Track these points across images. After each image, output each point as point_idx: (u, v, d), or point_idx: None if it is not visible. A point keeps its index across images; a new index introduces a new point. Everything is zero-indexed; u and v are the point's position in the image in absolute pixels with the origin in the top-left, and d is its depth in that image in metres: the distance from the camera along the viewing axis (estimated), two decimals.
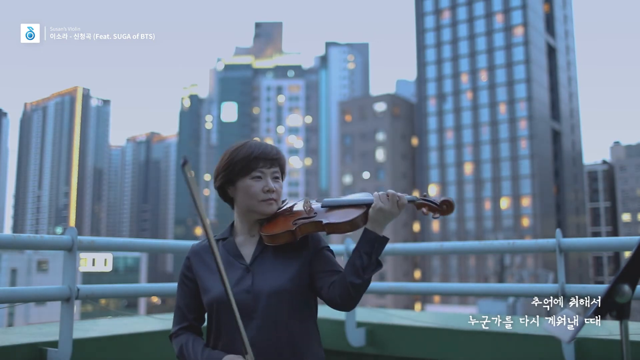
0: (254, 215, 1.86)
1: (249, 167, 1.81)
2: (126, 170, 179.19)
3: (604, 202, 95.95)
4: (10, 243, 2.77)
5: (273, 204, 1.84)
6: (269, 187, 1.82)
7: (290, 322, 1.75)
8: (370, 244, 1.72)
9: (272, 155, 1.84)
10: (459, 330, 3.42)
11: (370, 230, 1.73)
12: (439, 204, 1.76)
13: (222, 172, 1.85)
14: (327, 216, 1.79)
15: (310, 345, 1.80)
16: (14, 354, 2.77)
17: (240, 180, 1.83)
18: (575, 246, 3.18)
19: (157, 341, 3.41)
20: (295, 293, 1.77)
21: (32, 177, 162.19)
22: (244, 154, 1.82)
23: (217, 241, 1.88)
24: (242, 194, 1.84)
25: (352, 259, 1.73)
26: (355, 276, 1.70)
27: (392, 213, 1.73)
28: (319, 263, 1.82)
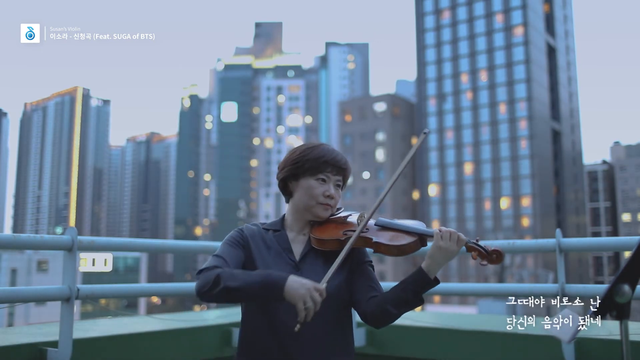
0: (308, 215, 1.88)
1: (318, 168, 1.84)
2: (126, 170, 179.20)
3: (604, 202, 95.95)
4: (10, 243, 2.77)
5: (329, 209, 1.87)
6: (330, 193, 1.85)
7: (330, 326, 1.79)
8: (421, 285, 1.73)
9: (341, 163, 1.87)
10: (459, 330, 3.42)
11: (425, 271, 1.73)
12: (489, 252, 1.75)
13: (290, 165, 1.87)
14: (378, 235, 1.80)
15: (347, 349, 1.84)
16: (14, 354, 2.77)
17: (305, 178, 1.85)
18: (575, 246, 3.18)
19: (157, 341, 3.41)
20: (339, 300, 1.81)
21: (32, 177, 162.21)
22: (316, 155, 1.85)
23: (268, 231, 1.90)
24: (303, 192, 1.86)
25: (397, 289, 1.75)
26: (395, 307, 1.74)
27: (452, 252, 1.72)
28: (360, 276, 1.85)
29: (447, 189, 74.88)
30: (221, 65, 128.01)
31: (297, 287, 1.60)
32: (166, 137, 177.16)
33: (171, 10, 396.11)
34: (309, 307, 1.59)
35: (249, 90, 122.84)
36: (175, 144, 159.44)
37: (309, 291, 1.60)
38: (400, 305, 1.74)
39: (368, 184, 79.97)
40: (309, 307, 1.59)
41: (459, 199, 73.75)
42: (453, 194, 74.45)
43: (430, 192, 75.85)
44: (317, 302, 1.60)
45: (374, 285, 1.83)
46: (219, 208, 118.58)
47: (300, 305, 1.58)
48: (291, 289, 1.60)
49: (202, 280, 1.69)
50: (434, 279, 1.74)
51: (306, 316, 1.59)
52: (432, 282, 1.73)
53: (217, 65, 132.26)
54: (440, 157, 75.72)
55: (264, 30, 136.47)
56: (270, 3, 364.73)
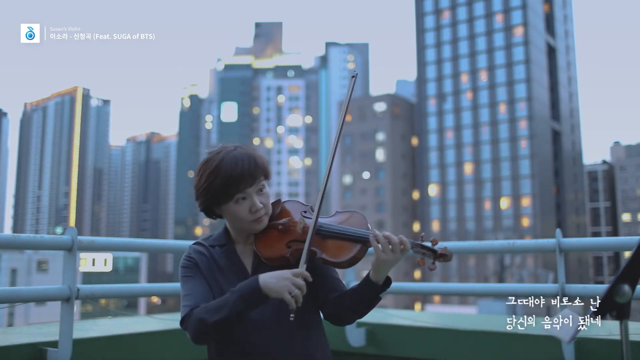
0: (245, 232, 1.79)
1: (230, 192, 1.68)
2: (126, 170, 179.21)
3: (604, 202, 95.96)
4: (10, 243, 2.77)
5: (262, 220, 1.75)
6: (256, 207, 1.71)
7: (300, 332, 1.73)
8: (375, 292, 1.68)
9: (251, 171, 1.69)
10: (459, 330, 3.42)
11: (373, 281, 1.67)
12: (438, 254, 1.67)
13: (202, 197, 1.74)
14: (323, 246, 1.70)
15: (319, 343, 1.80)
16: (14, 354, 2.77)
17: (224, 204, 1.72)
18: (575, 246, 3.18)
19: (157, 341, 3.41)
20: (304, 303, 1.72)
21: (32, 177, 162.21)
22: (223, 178, 1.67)
23: (213, 247, 1.80)
24: (229, 217, 1.75)
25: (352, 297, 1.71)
26: (356, 314, 1.73)
27: (396, 261, 1.65)
28: (320, 275, 1.77)
29: (447, 189, 74.87)
30: (221, 65, 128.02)
31: (275, 281, 1.55)
32: (166, 137, 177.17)
33: (171, 10, 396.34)
34: (296, 294, 1.54)
35: (249, 90, 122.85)
36: (175, 144, 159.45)
37: (290, 279, 1.55)
38: (360, 310, 1.72)
39: (368, 184, 79.98)
40: (296, 294, 1.54)
41: (459, 199, 73.74)
42: (453, 194, 74.45)
43: (430, 192, 75.85)
44: (302, 286, 1.55)
45: (334, 285, 1.78)
46: None
47: (287, 296, 1.53)
48: (270, 285, 1.55)
49: (191, 333, 1.63)
50: (385, 282, 1.68)
51: (297, 304, 1.55)
52: (384, 286, 1.69)
53: (217, 65, 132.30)
54: (440, 157, 75.71)
55: (264, 30, 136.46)
56: (270, 3, 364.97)
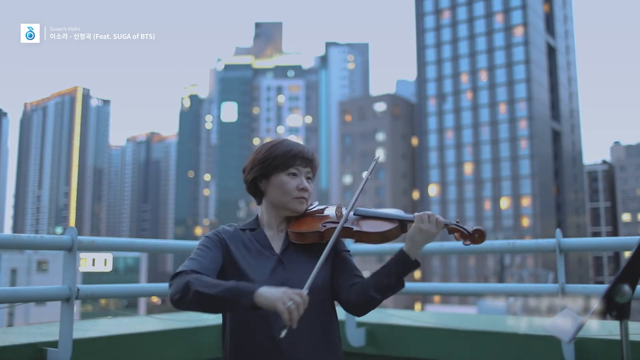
0: (284, 211, 1.86)
1: (287, 163, 1.82)
2: (126, 170, 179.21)
3: (604, 202, 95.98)
4: (10, 243, 2.76)
5: (304, 202, 1.86)
6: (304, 185, 1.84)
7: (319, 318, 1.77)
8: (403, 266, 1.73)
9: (309, 155, 1.86)
10: (459, 330, 3.42)
11: (406, 252, 1.73)
12: (471, 232, 1.76)
13: (259, 164, 1.84)
14: (358, 224, 1.80)
15: (335, 343, 1.83)
16: (14, 354, 2.77)
17: (276, 175, 1.83)
18: (575, 246, 3.18)
19: (157, 341, 3.41)
20: (324, 291, 1.80)
21: (32, 177, 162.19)
22: (283, 150, 1.83)
23: (244, 231, 1.87)
24: (276, 189, 1.83)
25: (379, 275, 1.75)
26: (378, 292, 1.74)
27: (431, 234, 1.73)
28: (340, 265, 1.85)
29: (447, 189, 74.87)
30: (221, 65, 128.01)
31: (273, 291, 1.53)
32: (166, 137, 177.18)
33: (171, 10, 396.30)
34: (290, 307, 1.48)
35: (249, 90, 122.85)
36: (175, 144, 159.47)
37: (286, 293, 1.51)
38: (384, 290, 1.73)
39: (368, 184, 79.79)
40: (290, 307, 1.48)
41: (459, 199, 73.74)
42: (453, 194, 74.45)
43: (430, 192, 75.85)
44: (299, 303, 1.51)
45: (354, 272, 1.84)
46: (219, 208, 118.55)
47: (280, 306, 1.49)
48: (266, 293, 1.53)
49: (173, 288, 1.63)
50: (415, 261, 1.74)
51: (291, 320, 1.49)
52: (413, 264, 1.73)
53: (217, 65, 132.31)
54: (440, 157, 75.72)
55: (264, 30, 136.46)
56: (270, 3, 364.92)
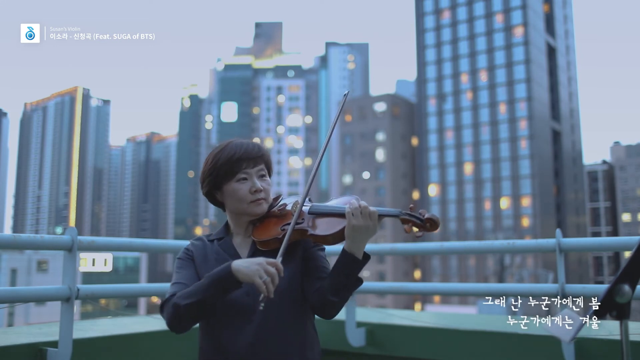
0: (245, 217, 1.83)
1: (233, 170, 1.77)
2: (126, 170, 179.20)
3: (604, 202, 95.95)
4: (10, 243, 2.77)
5: (262, 203, 1.82)
6: (256, 187, 1.79)
7: (290, 323, 1.73)
8: (349, 266, 1.68)
9: (254, 153, 1.81)
10: (459, 330, 3.42)
11: (347, 251, 1.67)
12: (424, 220, 1.68)
13: (207, 177, 1.82)
14: (314, 224, 1.76)
15: (309, 344, 1.79)
16: (14, 354, 2.77)
17: (226, 184, 1.79)
18: (575, 246, 3.18)
19: (157, 341, 3.41)
20: (294, 293, 1.75)
21: (32, 177, 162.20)
22: (226, 157, 1.78)
23: (212, 241, 1.86)
24: (231, 198, 1.80)
25: (331, 277, 1.71)
26: (335, 295, 1.69)
27: (367, 228, 1.65)
28: (307, 265, 1.80)
29: (447, 189, 74.87)
30: (221, 65, 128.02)
31: (247, 264, 1.57)
32: (166, 137, 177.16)
33: (171, 10, 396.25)
34: (266, 280, 1.53)
35: (249, 90, 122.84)
36: (175, 144, 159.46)
37: (262, 265, 1.55)
38: (339, 291, 1.69)
39: (368, 184, 79.97)
40: (266, 280, 1.53)
41: (459, 199, 73.74)
42: (453, 194, 74.44)
43: (430, 192, 75.84)
44: (274, 274, 1.54)
45: (321, 275, 1.77)
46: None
47: (257, 280, 1.53)
48: (241, 268, 1.57)
49: (166, 318, 1.66)
50: (363, 256, 1.69)
51: (268, 291, 1.53)
52: (360, 261, 1.68)
53: (217, 65, 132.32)
54: (440, 157, 75.71)
55: (264, 30, 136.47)
56: (270, 3, 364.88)
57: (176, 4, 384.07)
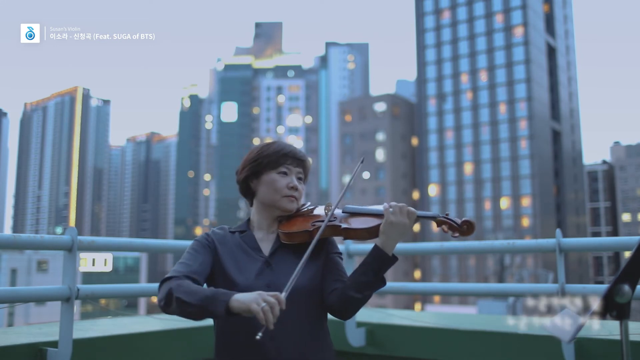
0: (274, 210, 1.87)
1: (278, 161, 1.85)
2: (126, 170, 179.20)
3: (604, 202, 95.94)
4: (10, 243, 2.76)
5: (294, 201, 1.87)
6: (294, 184, 1.86)
7: (307, 320, 1.77)
8: (379, 261, 1.72)
9: (300, 155, 1.89)
10: (459, 330, 3.42)
11: (380, 247, 1.73)
12: (460, 224, 1.75)
13: (250, 163, 1.88)
14: (345, 221, 1.81)
15: (326, 344, 1.83)
16: (14, 354, 2.77)
17: (266, 173, 1.85)
18: (575, 246, 3.18)
19: (157, 341, 3.41)
20: (313, 292, 1.79)
21: (32, 177, 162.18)
22: (275, 150, 1.86)
23: (234, 233, 1.89)
24: (266, 188, 1.85)
25: (357, 273, 1.74)
26: (357, 291, 1.72)
27: (404, 226, 1.72)
28: (327, 267, 1.84)
29: (447, 189, 74.88)
30: (221, 65, 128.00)
31: (247, 294, 1.52)
32: (166, 137, 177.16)
33: (171, 10, 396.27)
34: (264, 308, 1.46)
35: (249, 90, 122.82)
36: (175, 144, 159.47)
37: (260, 295, 1.50)
38: (362, 288, 1.72)
39: (368, 184, 79.97)
40: (264, 308, 1.46)
41: (459, 199, 73.74)
42: (453, 194, 74.45)
43: (430, 192, 75.85)
44: (273, 304, 1.48)
45: (339, 277, 1.81)
46: (219, 208, 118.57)
47: (254, 307, 1.47)
48: (240, 298, 1.52)
49: (159, 294, 1.66)
50: (392, 256, 1.73)
51: (266, 320, 1.46)
52: (390, 259, 1.72)
53: (217, 65, 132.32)
54: (440, 157, 75.71)
55: (264, 30, 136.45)
56: (270, 3, 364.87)
57: (176, 4, 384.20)
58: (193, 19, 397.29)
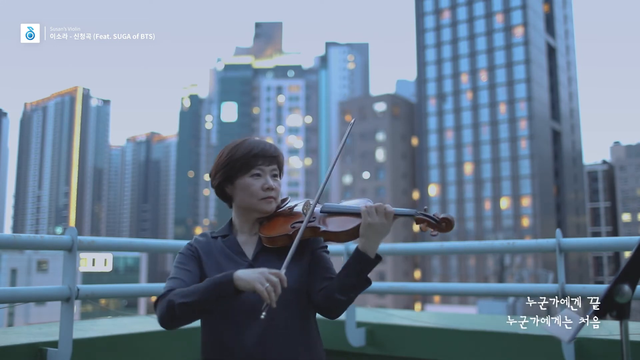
0: (253, 213, 1.84)
1: (249, 164, 1.79)
2: (126, 170, 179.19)
3: (604, 202, 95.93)
4: (10, 243, 2.77)
5: (272, 202, 1.83)
6: (269, 185, 1.81)
7: (296, 322, 1.75)
8: (361, 263, 1.70)
9: (271, 152, 1.83)
10: (459, 330, 3.42)
11: (362, 251, 1.70)
12: (439, 220, 1.71)
13: (221, 169, 1.83)
14: (325, 222, 1.77)
15: (315, 343, 1.81)
16: (14, 354, 2.77)
17: (240, 178, 1.81)
18: (575, 246, 3.18)
19: (157, 341, 3.41)
20: (300, 292, 1.77)
21: (32, 177, 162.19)
22: (243, 152, 1.80)
23: (216, 238, 1.86)
24: (241, 192, 1.82)
25: (341, 275, 1.73)
26: (342, 294, 1.71)
27: (383, 226, 1.68)
28: (313, 265, 1.82)
29: (447, 189, 74.87)
30: (221, 65, 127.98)
31: (249, 272, 1.56)
32: (166, 137, 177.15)
33: (171, 10, 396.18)
34: (267, 288, 1.50)
35: (249, 90, 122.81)
36: (175, 144, 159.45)
37: (263, 274, 1.54)
38: (347, 290, 1.70)
39: (368, 184, 79.97)
40: (268, 288, 1.50)
41: (459, 199, 73.74)
42: (453, 194, 74.44)
43: (430, 192, 75.84)
44: (276, 283, 1.52)
45: (327, 274, 1.79)
46: (219, 208, 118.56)
47: (259, 287, 1.50)
48: (242, 276, 1.55)
49: (159, 313, 1.65)
50: (375, 257, 1.71)
51: (270, 299, 1.50)
52: (372, 260, 1.70)
53: (217, 65, 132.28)
54: (440, 157, 75.70)
55: (264, 30, 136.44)
56: (270, 3, 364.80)
57: (176, 4, 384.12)
58: (193, 19, 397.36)
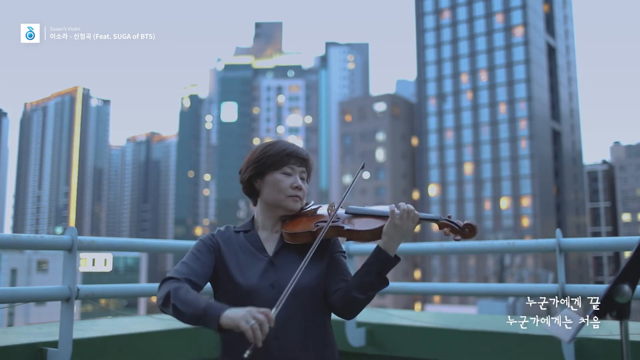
0: (278, 210, 1.88)
1: (281, 161, 1.85)
2: (126, 170, 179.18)
3: (604, 202, 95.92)
4: (10, 243, 2.77)
5: (298, 201, 1.88)
6: (298, 184, 1.86)
7: (311, 319, 1.79)
8: (381, 263, 1.74)
9: (303, 155, 1.90)
10: (459, 330, 3.42)
11: (382, 249, 1.74)
12: (462, 226, 1.77)
13: (254, 164, 1.88)
14: (349, 222, 1.81)
15: (328, 342, 1.84)
16: (14, 354, 2.77)
17: (270, 174, 1.86)
18: (575, 246, 3.18)
19: (157, 341, 3.41)
20: (317, 291, 1.81)
21: (32, 177, 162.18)
22: (277, 150, 1.87)
23: (239, 232, 1.90)
24: (270, 188, 1.86)
25: (360, 274, 1.76)
26: (360, 292, 1.74)
27: (408, 229, 1.74)
28: (332, 267, 1.86)
29: (447, 189, 74.87)
30: (221, 65, 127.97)
31: (237, 310, 1.51)
32: (166, 137, 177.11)
33: (171, 10, 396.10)
34: (253, 326, 1.45)
35: (249, 90, 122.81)
36: (175, 144, 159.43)
37: (250, 312, 1.49)
38: (365, 289, 1.74)
39: (368, 184, 79.96)
40: (253, 326, 1.45)
41: (459, 199, 73.74)
42: (453, 194, 74.44)
43: (430, 192, 75.85)
44: (262, 321, 1.46)
45: (344, 277, 1.84)
46: (219, 208, 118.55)
47: (243, 324, 1.46)
48: (230, 314, 1.51)
49: (159, 293, 1.69)
50: (395, 257, 1.75)
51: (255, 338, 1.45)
52: (392, 260, 1.75)
53: (217, 65, 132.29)
54: (440, 157, 75.70)
55: (264, 30, 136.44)
56: (270, 3, 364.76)
57: (176, 4, 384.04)
58: (193, 19, 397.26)
